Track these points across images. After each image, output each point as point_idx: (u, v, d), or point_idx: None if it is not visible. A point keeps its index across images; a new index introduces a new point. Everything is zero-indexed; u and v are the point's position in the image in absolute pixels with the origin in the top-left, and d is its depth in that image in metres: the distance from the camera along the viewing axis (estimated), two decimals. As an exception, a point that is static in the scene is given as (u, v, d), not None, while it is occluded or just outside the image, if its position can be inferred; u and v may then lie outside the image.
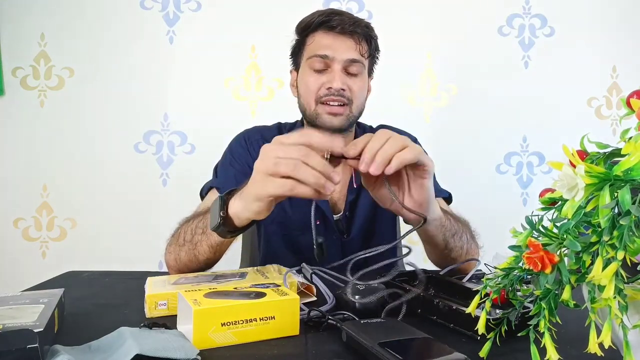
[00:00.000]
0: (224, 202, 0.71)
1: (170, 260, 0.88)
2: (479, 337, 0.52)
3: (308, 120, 1.03)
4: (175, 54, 1.84)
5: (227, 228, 0.72)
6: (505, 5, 1.90)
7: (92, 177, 1.82)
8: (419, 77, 1.89)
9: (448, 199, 1.07)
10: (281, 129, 1.13)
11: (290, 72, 1.09)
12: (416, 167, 0.68)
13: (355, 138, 1.09)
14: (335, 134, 1.00)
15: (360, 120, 1.14)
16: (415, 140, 1.13)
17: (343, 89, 0.96)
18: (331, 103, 0.97)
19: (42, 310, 0.56)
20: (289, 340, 0.57)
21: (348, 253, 1.06)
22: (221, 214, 0.70)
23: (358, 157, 0.64)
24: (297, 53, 1.05)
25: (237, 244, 1.34)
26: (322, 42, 0.97)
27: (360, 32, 0.97)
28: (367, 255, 0.66)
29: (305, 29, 1.00)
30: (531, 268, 0.41)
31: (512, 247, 0.46)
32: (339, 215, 1.06)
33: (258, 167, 0.64)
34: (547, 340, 0.42)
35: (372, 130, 1.16)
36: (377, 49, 1.04)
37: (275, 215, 1.06)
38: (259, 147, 1.07)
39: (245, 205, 0.69)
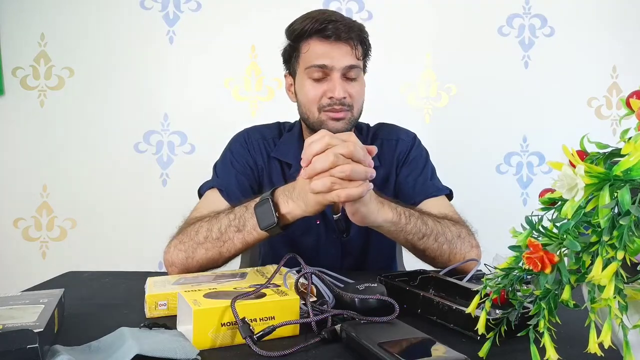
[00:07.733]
0: (274, 203, 0.77)
1: (178, 257, 0.86)
2: (478, 337, 0.52)
3: (311, 127, 1.02)
4: (175, 54, 1.84)
5: (279, 226, 0.78)
6: (505, 5, 1.89)
7: (92, 177, 1.82)
8: (419, 77, 1.89)
9: (449, 195, 1.07)
10: (281, 128, 1.13)
11: (285, 76, 1.09)
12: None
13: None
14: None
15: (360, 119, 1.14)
16: (414, 137, 1.13)
17: (344, 97, 0.97)
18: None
19: (42, 310, 0.56)
20: (289, 340, 0.57)
21: (347, 252, 1.08)
22: (276, 215, 0.76)
23: None
24: (290, 59, 1.04)
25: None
26: (318, 51, 0.97)
27: (355, 36, 0.97)
28: None
29: (299, 36, 0.99)
30: (531, 268, 0.41)
31: (512, 247, 0.46)
32: (338, 215, 1.06)
33: (314, 187, 0.71)
34: (546, 340, 0.42)
35: (369, 129, 1.15)
36: (369, 47, 1.04)
37: None
38: (259, 147, 1.08)
39: (299, 206, 0.76)
